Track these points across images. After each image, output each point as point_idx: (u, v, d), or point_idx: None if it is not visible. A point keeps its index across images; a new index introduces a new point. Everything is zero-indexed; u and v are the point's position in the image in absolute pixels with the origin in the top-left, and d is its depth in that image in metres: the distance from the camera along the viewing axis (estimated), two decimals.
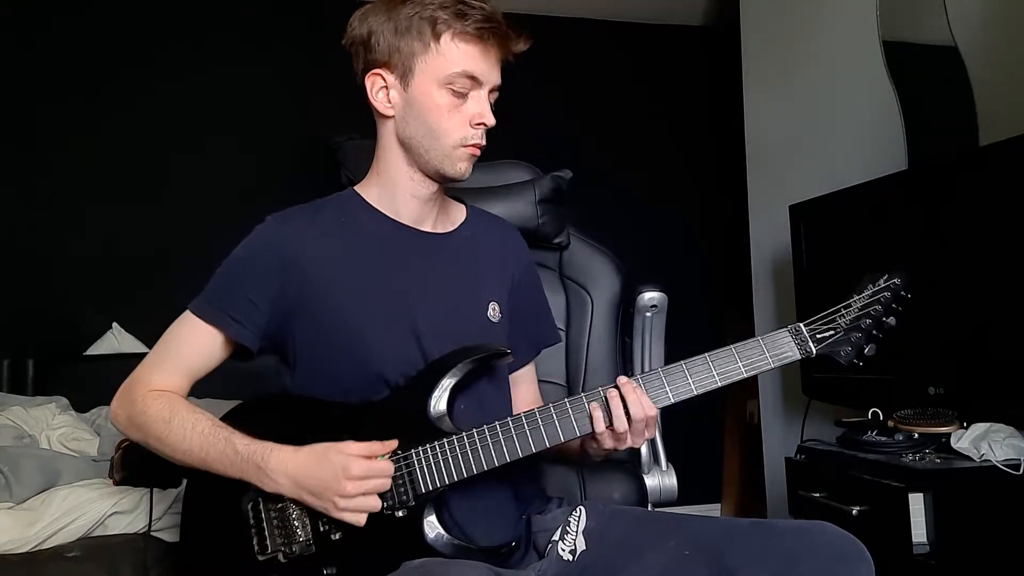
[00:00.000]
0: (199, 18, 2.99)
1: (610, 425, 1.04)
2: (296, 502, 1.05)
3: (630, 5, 3.38)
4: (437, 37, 1.10)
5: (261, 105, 3.01)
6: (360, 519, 1.01)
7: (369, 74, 1.15)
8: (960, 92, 1.87)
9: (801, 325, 1.06)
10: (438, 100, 1.11)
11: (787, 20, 2.57)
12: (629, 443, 1.06)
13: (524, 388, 1.32)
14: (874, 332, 1.05)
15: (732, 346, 1.05)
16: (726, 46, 3.09)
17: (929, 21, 1.95)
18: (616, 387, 1.04)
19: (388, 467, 1.03)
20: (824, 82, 2.39)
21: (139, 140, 2.87)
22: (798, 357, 1.05)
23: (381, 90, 1.14)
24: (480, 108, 1.13)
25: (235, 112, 2.98)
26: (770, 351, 1.05)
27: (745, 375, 1.04)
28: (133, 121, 2.87)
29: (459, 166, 1.15)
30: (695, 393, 1.04)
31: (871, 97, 2.14)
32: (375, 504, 1.02)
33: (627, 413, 1.03)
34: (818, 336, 1.05)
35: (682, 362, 1.05)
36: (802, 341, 1.05)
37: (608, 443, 1.06)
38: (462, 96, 1.12)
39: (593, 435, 1.06)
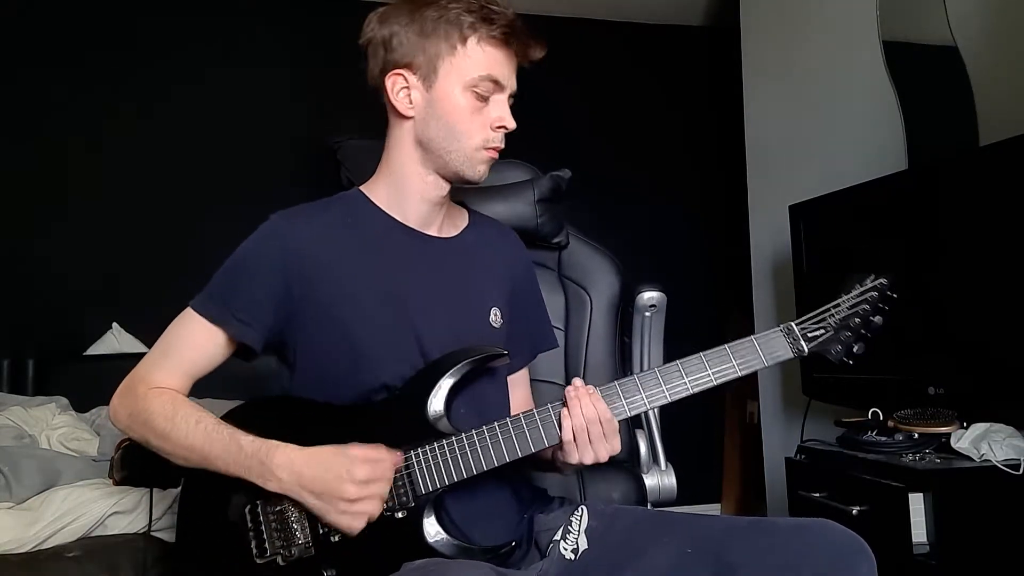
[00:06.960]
0: (199, 19, 2.99)
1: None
2: (295, 503, 1.04)
3: (631, 5, 3.38)
4: (464, 40, 1.11)
5: (262, 105, 3.02)
6: (358, 524, 1.00)
7: (390, 74, 1.14)
8: (960, 92, 1.87)
9: (793, 325, 1.08)
10: (461, 102, 1.12)
11: (787, 20, 2.57)
12: (590, 453, 1.04)
13: (518, 391, 1.33)
14: (863, 331, 1.08)
15: (727, 345, 1.06)
16: (726, 46, 3.09)
17: (929, 21, 1.95)
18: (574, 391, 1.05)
19: (389, 473, 1.03)
20: (824, 82, 2.39)
21: (138, 140, 2.87)
22: (791, 356, 1.07)
23: (403, 90, 1.14)
24: (501, 112, 1.14)
25: (235, 112, 2.98)
26: (764, 350, 1.06)
27: (740, 374, 1.06)
28: (132, 122, 2.87)
29: (478, 168, 1.16)
30: (691, 391, 1.05)
31: (871, 97, 2.14)
32: (375, 510, 1.01)
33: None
34: (809, 335, 1.07)
35: (678, 361, 1.06)
36: (794, 340, 1.07)
37: (572, 456, 1.05)
38: (484, 100, 1.13)
39: (561, 445, 1.05)
